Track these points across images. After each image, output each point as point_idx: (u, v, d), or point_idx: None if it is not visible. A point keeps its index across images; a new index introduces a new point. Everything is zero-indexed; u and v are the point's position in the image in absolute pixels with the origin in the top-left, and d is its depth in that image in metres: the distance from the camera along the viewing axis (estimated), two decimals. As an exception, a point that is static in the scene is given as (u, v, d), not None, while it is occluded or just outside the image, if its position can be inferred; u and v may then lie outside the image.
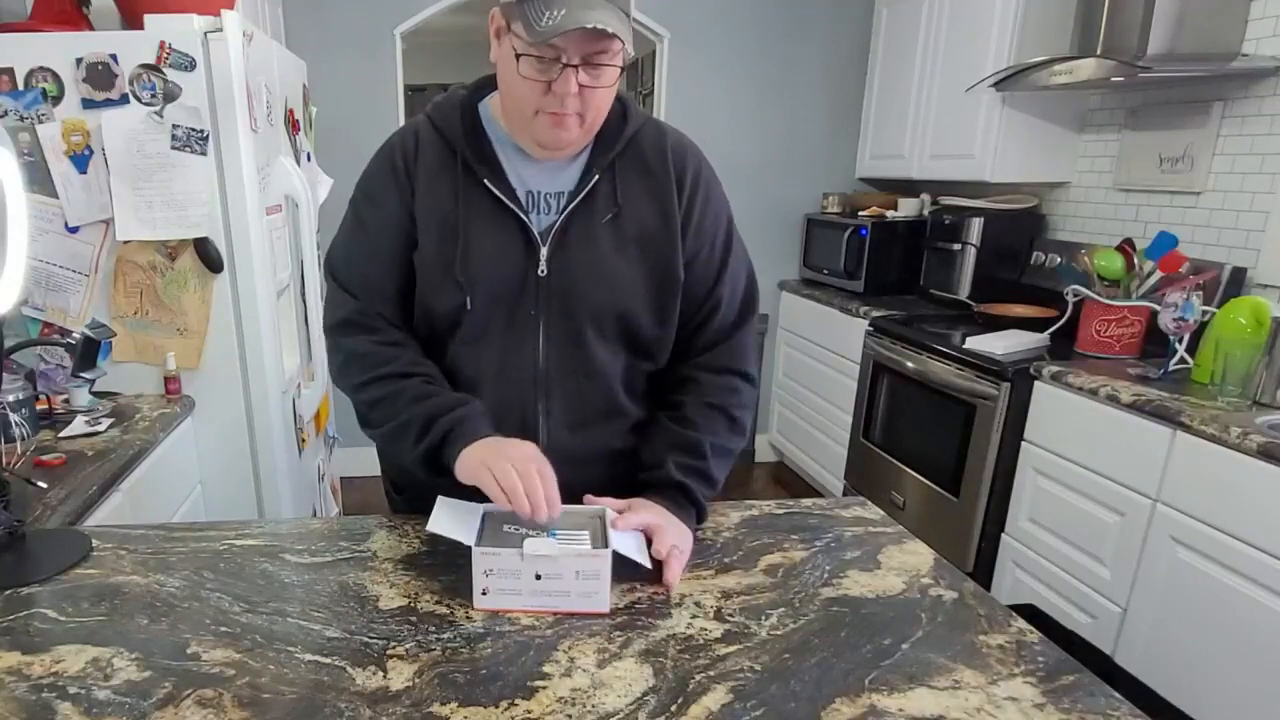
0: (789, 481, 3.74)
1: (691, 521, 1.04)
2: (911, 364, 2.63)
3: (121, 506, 1.48)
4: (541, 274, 1.03)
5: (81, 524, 1.28)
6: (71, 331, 1.70)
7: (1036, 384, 2.20)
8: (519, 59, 0.92)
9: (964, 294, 2.91)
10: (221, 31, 1.73)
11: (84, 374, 1.61)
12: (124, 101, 1.73)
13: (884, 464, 2.84)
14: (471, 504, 0.97)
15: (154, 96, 1.73)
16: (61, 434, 1.61)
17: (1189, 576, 1.78)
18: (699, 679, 0.77)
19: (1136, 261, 2.22)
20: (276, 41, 2.41)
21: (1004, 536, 2.34)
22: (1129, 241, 2.26)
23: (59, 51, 1.70)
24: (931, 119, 3.05)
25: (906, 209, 3.29)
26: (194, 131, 1.76)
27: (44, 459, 1.47)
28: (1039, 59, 2.38)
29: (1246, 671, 1.66)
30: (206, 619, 0.87)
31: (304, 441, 2.26)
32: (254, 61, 1.87)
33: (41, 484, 1.30)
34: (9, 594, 0.93)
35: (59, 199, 1.77)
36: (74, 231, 1.80)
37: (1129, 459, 1.92)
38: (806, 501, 1.20)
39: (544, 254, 1.02)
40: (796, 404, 3.62)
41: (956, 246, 2.92)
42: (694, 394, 1.09)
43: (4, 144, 1.65)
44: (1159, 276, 2.17)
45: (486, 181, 1.02)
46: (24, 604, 0.91)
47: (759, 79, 3.50)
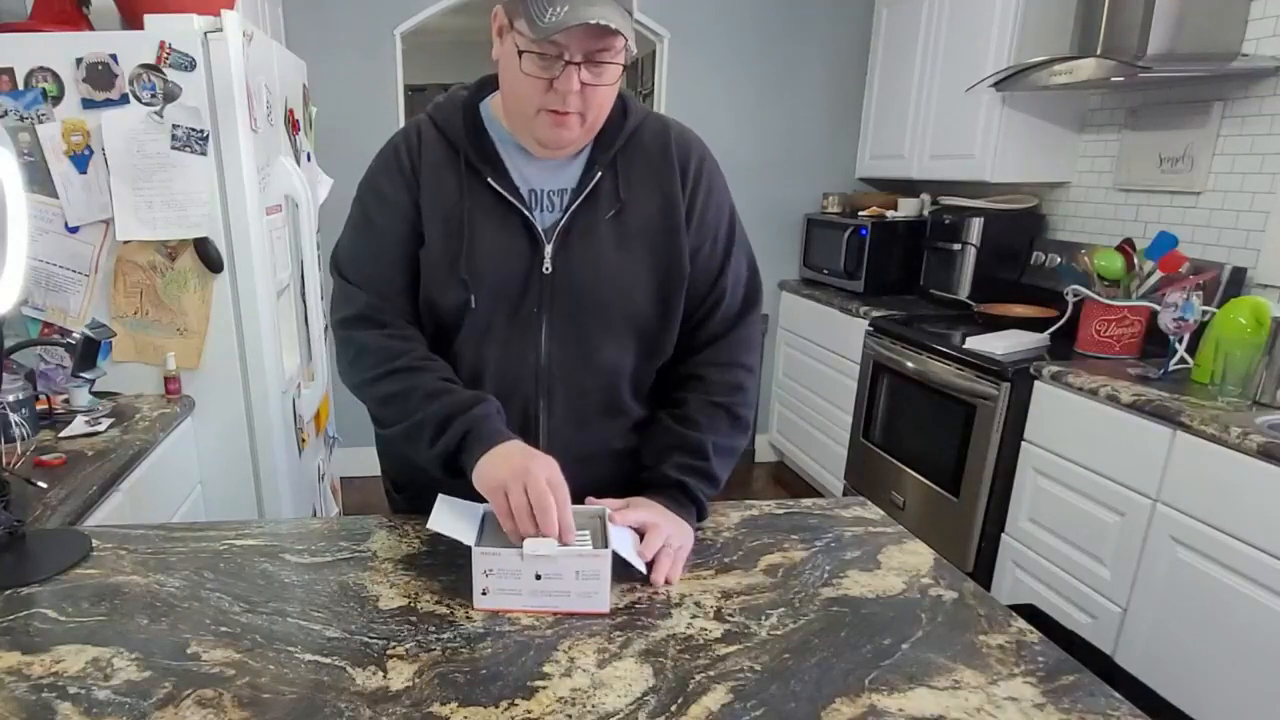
0: (789, 481, 3.74)
1: (692, 519, 1.04)
2: (911, 364, 2.63)
3: (121, 506, 1.48)
4: (546, 271, 1.03)
5: (81, 524, 1.28)
6: (71, 331, 1.69)
7: (1036, 384, 2.20)
8: (521, 56, 0.92)
9: (964, 294, 2.91)
10: (221, 31, 1.73)
11: (84, 374, 1.61)
12: (124, 101, 1.73)
13: (884, 464, 2.84)
14: (472, 504, 0.97)
15: (154, 96, 1.73)
16: (61, 434, 1.62)
17: (1189, 576, 1.78)
18: (699, 679, 0.77)
19: (1136, 261, 2.22)
20: (276, 41, 2.41)
21: (1004, 536, 2.34)
22: (1129, 241, 2.26)
23: (59, 51, 1.70)
24: (931, 119, 3.05)
25: (906, 209, 3.29)
26: (194, 131, 1.76)
27: (44, 459, 1.47)
28: (1039, 59, 2.38)
29: (1246, 671, 1.66)
30: (206, 619, 0.87)
31: (304, 441, 2.26)
32: (254, 61, 1.87)
33: (41, 484, 1.30)
34: (9, 594, 0.93)
35: (59, 199, 1.77)
36: (74, 231, 1.80)
37: (1129, 459, 1.92)
38: (806, 501, 1.20)
39: (548, 251, 1.02)
40: (796, 404, 3.62)
41: (956, 246, 2.92)
42: (698, 392, 1.09)
43: (4, 144, 1.65)
44: (1159, 276, 2.17)
45: (490, 180, 1.02)
46: (24, 604, 0.91)
47: (759, 79, 3.51)
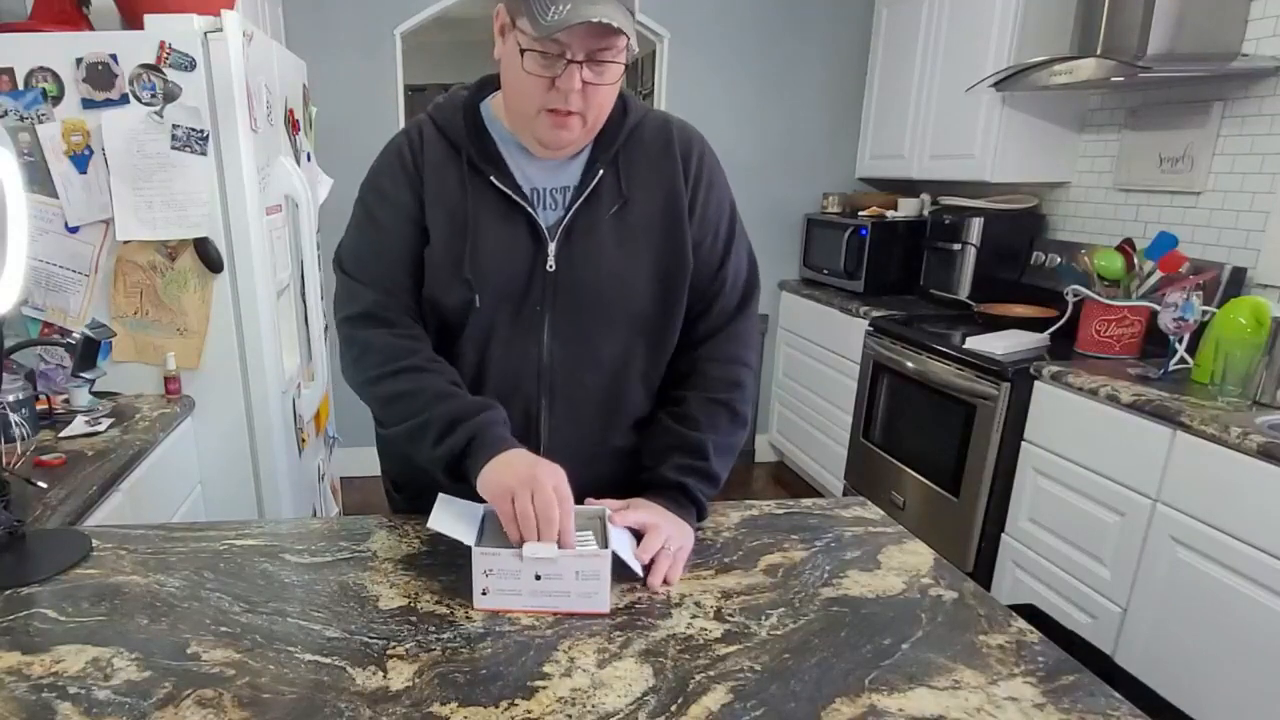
0: (789, 481, 3.74)
1: (692, 520, 1.04)
2: (911, 364, 2.63)
3: (121, 506, 1.48)
4: (550, 269, 1.03)
5: (81, 524, 1.28)
6: (71, 331, 1.69)
7: (1036, 384, 2.20)
8: (523, 54, 0.92)
9: (964, 294, 2.91)
10: (221, 31, 1.73)
11: (84, 374, 1.61)
12: (124, 101, 1.73)
13: (884, 464, 2.84)
14: (472, 504, 0.97)
15: (154, 96, 1.73)
16: (61, 434, 1.62)
17: (1189, 576, 1.78)
18: (699, 679, 0.77)
19: (1136, 261, 2.22)
20: (276, 41, 2.41)
21: (1004, 536, 2.34)
22: (1129, 241, 2.26)
23: (59, 51, 1.70)
24: (931, 119, 3.05)
25: (906, 209, 3.29)
26: (194, 131, 1.76)
27: (44, 459, 1.47)
28: (1039, 59, 2.38)
29: (1246, 671, 1.66)
30: (206, 619, 0.87)
31: (304, 441, 2.26)
32: (254, 61, 1.87)
33: (41, 484, 1.30)
34: (9, 594, 0.93)
35: (59, 199, 1.77)
36: (74, 231, 1.80)
37: (1129, 459, 1.92)
38: (806, 501, 1.20)
39: (551, 249, 1.02)
40: (796, 404, 3.62)
41: (956, 246, 2.92)
42: (696, 389, 1.09)
43: (4, 144, 1.65)
44: (1159, 276, 2.17)
45: (493, 178, 1.02)
46: (24, 604, 0.91)
47: (759, 79, 3.50)
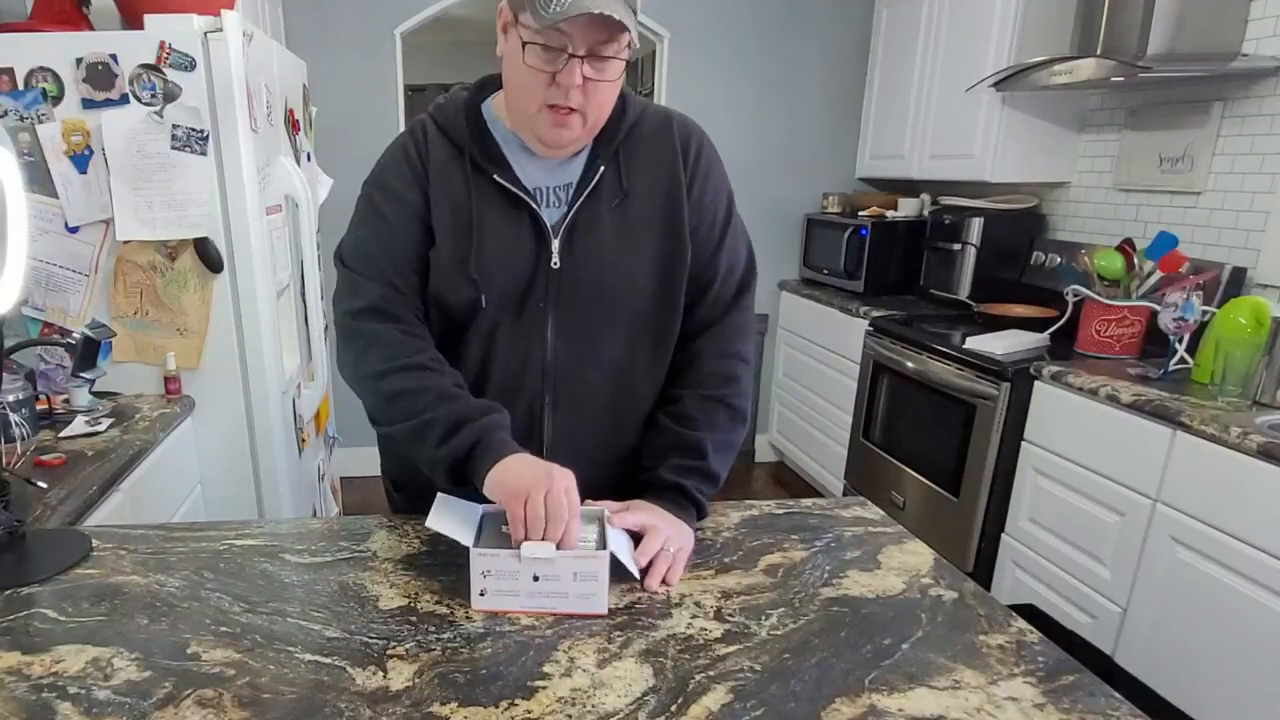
0: (789, 481, 3.74)
1: (692, 520, 1.04)
2: (911, 364, 2.63)
3: (121, 506, 1.48)
4: (554, 266, 1.03)
5: (81, 524, 1.28)
6: (71, 331, 1.69)
7: (1036, 384, 2.20)
8: (525, 48, 0.92)
9: (964, 294, 2.91)
10: (221, 31, 1.73)
11: (84, 374, 1.61)
12: (124, 101, 1.73)
13: (884, 464, 2.84)
14: (470, 504, 0.97)
15: (154, 96, 1.73)
16: (61, 434, 1.61)
17: (1189, 576, 1.78)
18: (699, 679, 0.77)
19: (1136, 261, 2.22)
20: (276, 41, 2.41)
21: (1004, 536, 2.34)
22: (1129, 241, 2.26)
23: (59, 51, 1.70)
24: (931, 119, 3.05)
25: (906, 209, 3.29)
26: (194, 131, 1.76)
27: (44, 459, 1.47)
28: (1039, 59, 2.38)
29: (1246, 671, 1.66)
30: (206, 619, 0.87)
31: (304, 441, 2.26)
32: (254, 61, 1.87)
33: (41, 484, 1.30)
34: (9, 594, 0.93)
35: (59, 199, 1.77)
36: (74, 231, 1.80)
37: (1129, 459, 1.92)
38: (806, 501, 1.20)
39: (555, 246, 1.03)
40: (796, 404, 3.62)
41: (956, 246, 2.92)
42: (692, 386, 1.09)
43: (4, 144, 1.65)
44: (1159, 276, 2.17)
45: (496, 177, 1.02)
46: (24, 604, 0.91)
47: (759, 79, 3.50)
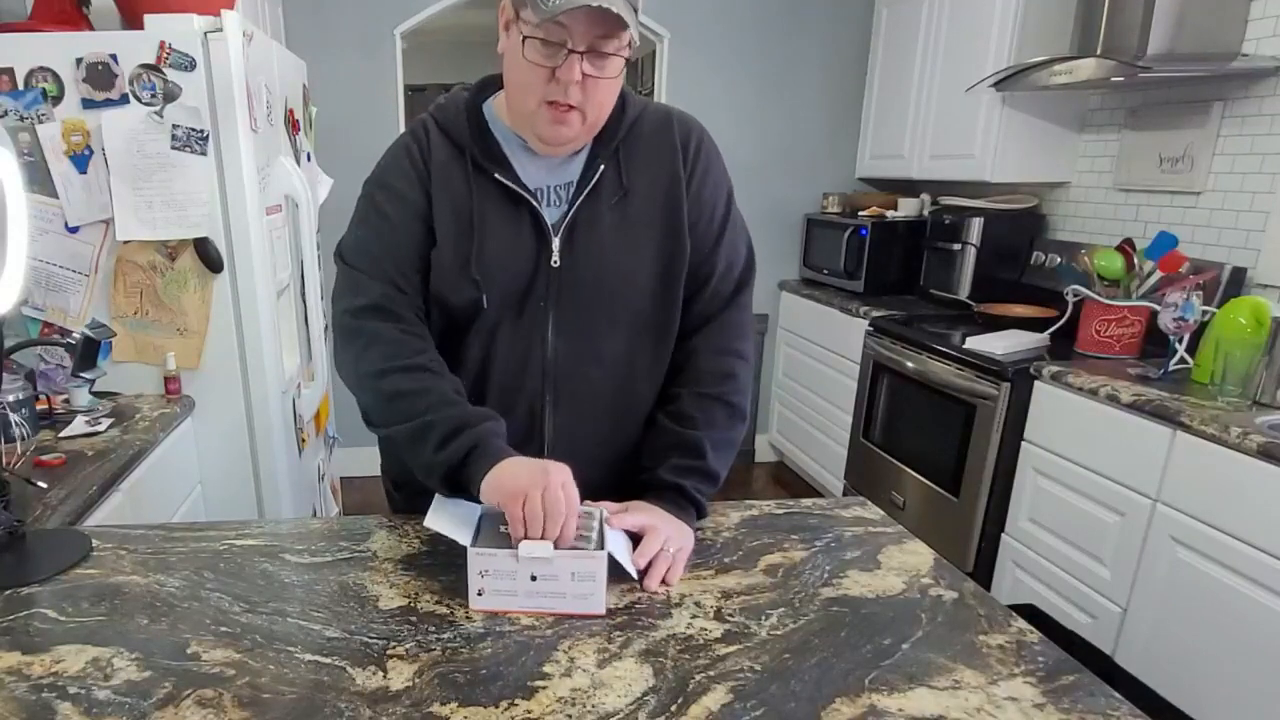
0: (789, 481, 3.74)
1: (691, 520, 1.04)
2: (911, 364, 2.62)
3: (121, 506, 1.48)
4: (554, 265, 1.03)
5: (81, 524, 1.28)
6: (71, 331, 1.69)
7: (1036, 384, 2.20)
8: (525, 42, 0.92)
9: (964, 294, 2.91)
10: (221, 31, 1.73)
11: (84, 374, 1.61)
12: (124, 101, 1.73)
13: (884, 464, 2.84)
14: (469, 503, 0.97)
15: (154, 96, 1.73)
16: (61, 434, 1.61)
17: (1189, 576, 1.78)
18: (699, 679, 0.77)
19: (1136, 261, 2.22)
20: (276, 41, 2.41)
21: (1004, 536, 2.34)
22: (1129, 241, 2.26)
23: (59, 51, 1.70)
24: (931, 119, 3.05)
25: (906, 209, 3.29)
26: (194, 131, 1.76)
27: (44, 459, 1.47)
28: (1039, 59, 2.38)
29: (1246, 671, 1.66)
30: (206, 619, 0.87)
31: (304, 441, 2.26)
32: (254, 61, 1.87)
33: (41, 484, 1.30)
34: (9, 594, 0.93)
35: (59, 199, 1.77)
36: (74, 231, 1.80)
37: (1129, 459, 1.92)
38: (806, 501, 1.20)
39: (556, 245, 1.03)
40: (796, 404, 3.62)
41: (956, 246, 2.92)
42: (689, 384, 1.09)
43: (4, 144, 1.65)
44: (1159, 276, 2.17)
45: (498, 175, 1.02)
46: (24, 604, 0.91)
47: (759, 79, 3.51)
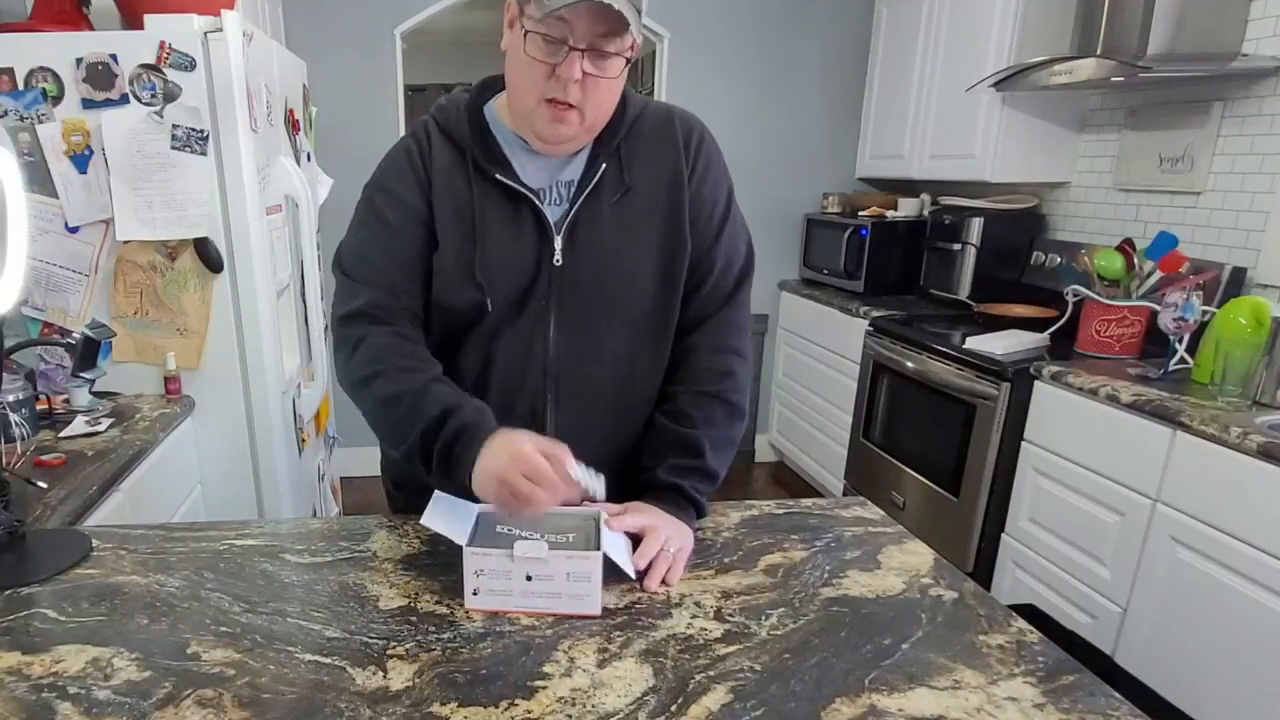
0: (789, 481, 3.74)
1: (691, 520, 1.04)
2: (911, 364, 2.62)
3: (121, 506, 1.48)
4: (556, 264, 1.03)
5: (81, 524, 1.28)
6: (71, 331, 1.69)
7: (1036, 384, 2.20)
8: (526, 38, 0.92)
9: (964, 294, 2.91)
10: (221, 31, 1.73)
11: (84, 374, 1.61)
12: (124, 101, 1.73)
13: (884, 464, 2.84)
14: (467, 502, 0.97)
15: (154, 96, 1.73)
16: (61, 434, 1.61)
17: (1189, 576, 1.78)
18: (699, 679, 0.77)
19: (1136, 261, 2.21)
20: (276, 41, 2.41)
21: (1004, 536, 2.34)
22: (1129, 241, 2.26)
23: (59, 51, 1.70)
24: (931, 119, 3.05)
25: (906, 209, 3.29)
26: (194, 131, 1.76)
27: (44, 459, 1.47)
28: (1039, 59, 2.37)
29: (1246, 671, 1.66)
30: (206, 619, 0.87)
31: (304, 441, 2.26)
32: (254, 61, 1.87)
33: (41, 484, 1.30)
34: (9, 594, 0.93)
35: (59, 199, 1.77)
36: (74, 231, 1.80)
37: (1129, 459, 1.92)
38: (806, 501, 1.20)
39: (558, 244, 1.03)
40: (796, 404, 3.62)
41: (956, 246, 2.92)
42: (687, 382, 1.09)
43: (4, 144, 1.65)
44: (1159, 276, 2.17)
45: (499, 175, 1.02)
46: (24, 604, 0.91)
47: (759, 79, 3.50)
